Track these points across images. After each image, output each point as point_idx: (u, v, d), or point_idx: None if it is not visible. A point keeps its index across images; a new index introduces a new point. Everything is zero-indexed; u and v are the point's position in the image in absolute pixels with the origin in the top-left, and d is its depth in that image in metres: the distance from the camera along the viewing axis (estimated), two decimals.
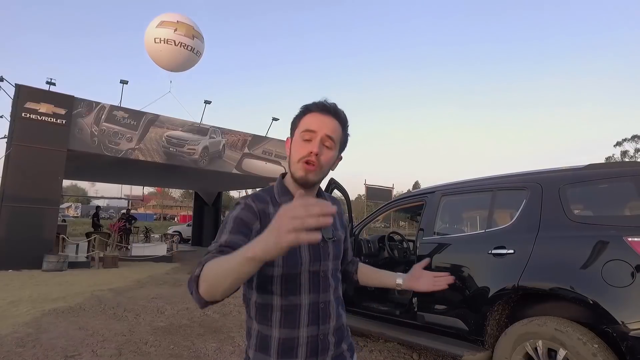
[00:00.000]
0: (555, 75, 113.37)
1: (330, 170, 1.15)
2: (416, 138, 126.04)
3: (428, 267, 3.65)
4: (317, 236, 0.71)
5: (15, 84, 9.71)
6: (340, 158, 1.19)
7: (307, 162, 1.07)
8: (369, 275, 1.45)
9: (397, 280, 1.41)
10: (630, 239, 2.40)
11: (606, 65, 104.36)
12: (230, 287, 0.85)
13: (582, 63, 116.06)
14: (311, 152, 1.07)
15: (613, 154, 40.35)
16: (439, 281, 1.41)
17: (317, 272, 1.11)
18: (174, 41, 11.45)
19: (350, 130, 1.18)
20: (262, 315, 1.08)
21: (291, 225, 0.70)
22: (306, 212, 0.70)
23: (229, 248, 0.96)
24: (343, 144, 1.16)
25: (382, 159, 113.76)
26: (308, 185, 1.12)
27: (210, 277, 0.86)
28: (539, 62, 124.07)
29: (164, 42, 11.37)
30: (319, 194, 1.20)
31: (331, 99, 1.14)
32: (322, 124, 1.09)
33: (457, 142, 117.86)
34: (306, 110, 1.12)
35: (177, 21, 11.70)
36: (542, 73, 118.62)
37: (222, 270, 0.84)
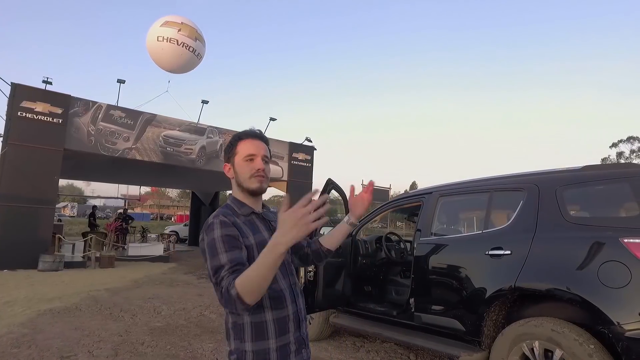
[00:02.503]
0: (552, 76, 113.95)
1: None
2: (414, 138, 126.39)
3: (426, 269, 3.67)
4: (324, 220, 1.02)
5: (11, 82, 9.68)
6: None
7: (258, 176, 1.34)
8: (331, 239, 1.60)
9: (346, 222, 1.60)
10: (626, 240, 2.41)
11: (603, 65, 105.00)
12: (268, 285, 1.09)
13: (579, 62, 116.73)
14: (259, 169, 1.34)
15: (609, 155, 40.49)
16: (364, 194, 1.60)
17: (285, 260, 1.33)
18: (177, 40, 11.44)
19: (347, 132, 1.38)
20: (255, 305, 1.15)
21: (306, 219, 1.00)
22: (308, 210, 1.01)
23: (239, 265, 1.16)
24: (271, 157, 1.45)
25: (380, 159, 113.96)
26: (260, 193, 1.38)
27: (252, 288, 1.07)
28: (537, 62, 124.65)
29: (167, 41, 11.36)
30: (263, 205, 1.44)
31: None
32: (258, 148, 1.37)
33: (455, 142, 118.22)
34: (239, 138, 1.38)
35: (182, 22, 11.76)
36: (540, 73, 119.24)
37: (260, 275, 1.06)
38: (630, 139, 40.01)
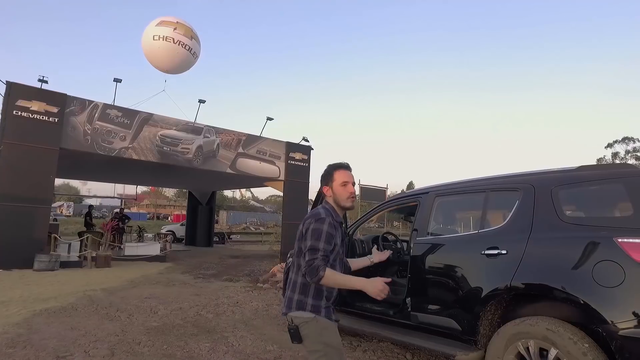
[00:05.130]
0: (549, 77, 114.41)
1: None
2: (411, 138, 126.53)
3: (423, 268, 3.67)
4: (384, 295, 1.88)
5: (7, 81, 9.60)
6: None
7: (352, 197, 2.05)
8: (354, 264, 2.56)
9: (369, 259, 2.69)
10: (620, 240, 2.43)
11: (599, 67, 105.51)
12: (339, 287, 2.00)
13: (576, 64, 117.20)
14: (351, 192, 2.04)
15: (604, 156, 40.54)
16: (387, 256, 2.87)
17: (341, 257, 2.10)
18: (173, 39, 11.42)
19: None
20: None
21: (380, 294, 1.86)
22: (384, 292, 1.87)
23: (327, 255, 1.89)
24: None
25: (377, 159, 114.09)
26: (352, 210, 2.15)
27: (330, 283, 1.89)
28: (535, 63, 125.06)
29: (163, 39, 11.35)
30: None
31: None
32: (349, 177, 2.06)
33: (453, 143, 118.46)
34: (336, 168, 2.08)
35: (177, 22, 11.76)
36: (536, 74, 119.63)
37: (338, 284, 1.93)
38: (625, 140, 40.12)
